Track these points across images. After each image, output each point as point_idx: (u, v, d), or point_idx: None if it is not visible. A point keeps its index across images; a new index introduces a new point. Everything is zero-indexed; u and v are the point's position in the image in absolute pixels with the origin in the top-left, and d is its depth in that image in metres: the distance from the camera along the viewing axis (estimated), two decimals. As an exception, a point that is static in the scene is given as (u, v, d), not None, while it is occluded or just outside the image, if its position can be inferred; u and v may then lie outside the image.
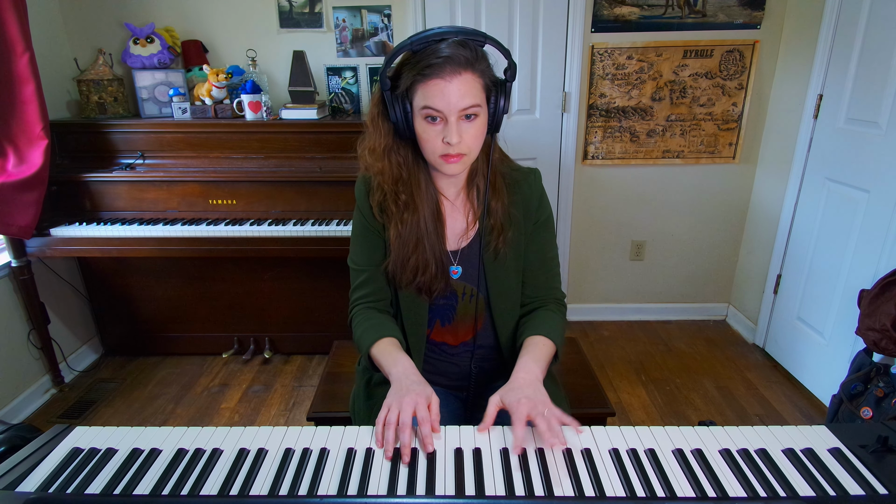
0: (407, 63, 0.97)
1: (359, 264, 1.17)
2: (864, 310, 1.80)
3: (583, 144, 2.70)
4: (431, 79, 0.94)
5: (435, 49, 0.93)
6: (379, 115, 1.04)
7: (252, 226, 2.23)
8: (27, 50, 1.97)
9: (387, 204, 1.09)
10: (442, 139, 0.97)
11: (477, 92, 0.96)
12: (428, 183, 1.09)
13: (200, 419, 2.27)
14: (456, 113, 0.95)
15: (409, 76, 0.96)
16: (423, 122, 0.98)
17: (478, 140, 1.01)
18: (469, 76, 0.94)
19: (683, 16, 2.48)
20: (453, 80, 0.93)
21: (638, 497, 0.77)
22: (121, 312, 2.66)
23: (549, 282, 1.21)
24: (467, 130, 0.97)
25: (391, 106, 0.99)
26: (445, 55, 0.92)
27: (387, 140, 1.05)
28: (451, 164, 1.00)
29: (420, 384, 0.96)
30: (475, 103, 0.96)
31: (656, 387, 2.44)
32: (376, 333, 1.09)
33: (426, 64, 0.93)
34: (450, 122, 0.95)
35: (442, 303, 1.17)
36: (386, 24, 2.51)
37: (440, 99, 0.94)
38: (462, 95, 0.94)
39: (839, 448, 0.86)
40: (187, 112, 2.39)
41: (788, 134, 2.45)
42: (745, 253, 2.86)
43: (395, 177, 1.07)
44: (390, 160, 1.06)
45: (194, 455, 0.85)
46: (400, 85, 0.98)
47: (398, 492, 0.78)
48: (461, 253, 1.14)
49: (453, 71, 0.93)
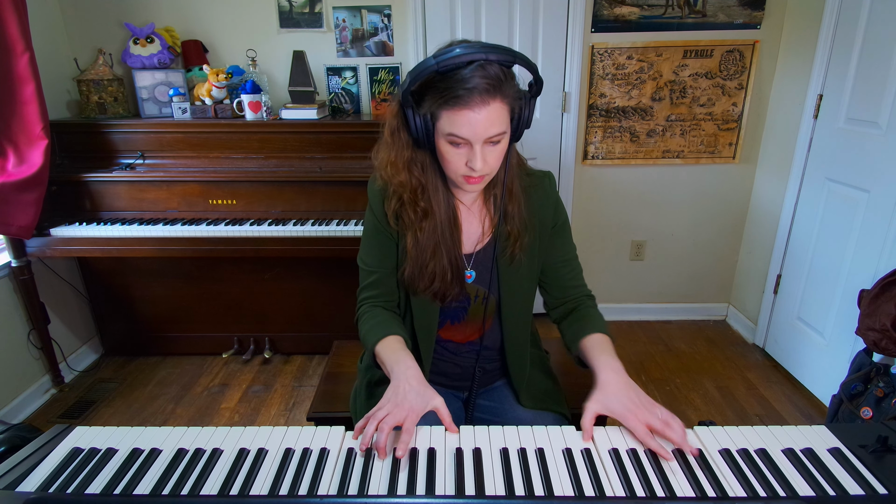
0: (432, 86, 0.94)
1: (369, 265, 1.17)
2: (864, 310, 1.80)
3: (583, 144, 2.70)
4: (458, 108, 0.91)
5: (461, 76, 0.90)
6: (399, 128, 1.02)
7: (252, 226, 2.23)
8: (27, 50, 1.97)
9: (404, 212, 1.08)
10: (465, 162, 0.97)
11: (504, 119, 0.95)
12: (445, 190, 1.08)
13: (200, 419, 2.27)
14: (481, 141, 0.94)
15: (435, 102, 0.93)
16: (446, 145, 0.97)
17: (500, 160, 1.00)
18: (497, 104, 0.92)
19: (683, 16, 2.48)
20: (482, 111, 0.91)
21: (638, 497, 0.77)
22: (121, 312, 2.66)
23: (575, 280, 1.21)
24: (490, 154, 0.97)
25: (412, 122, 0.97)
26: (472, 86, 0.89)
27: (408, 153, 1.04)
28: (473, 184, 1.00)
29: (419, 393, 0.94)
30: (501, 131, 0.95)
31: (656, 387, 2.44)
32: (382, 331, 1.09)
33: (453, 94, 0.90)
34: (475, 150, 0.94)
35: (454, 305, 1.17)
36: (386, 24, 2.51)
37: (467, 129, 0.92)
38: (489, 125, 0.93)
39: (839, 448, 0.86)
40: (187, 112, 2.39)
41: (788, 134, 2.45)
42: (745, 253, 2.86)
43: (415, 187, 1.06)
44: (411, 172, 1.05)
45: (194, 455, 0.85)
46: (424, 106, 0.96)
47: (398, 492, 0.78)
48: (475, 257, 1.14)
49: (482, 101, 0.91)
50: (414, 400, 0.92)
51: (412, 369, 0.99)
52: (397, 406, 0.91)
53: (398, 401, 0.92)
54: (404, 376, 0.97)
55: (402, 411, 0.90)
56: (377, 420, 0.88)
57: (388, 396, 0.94)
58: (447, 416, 0.93)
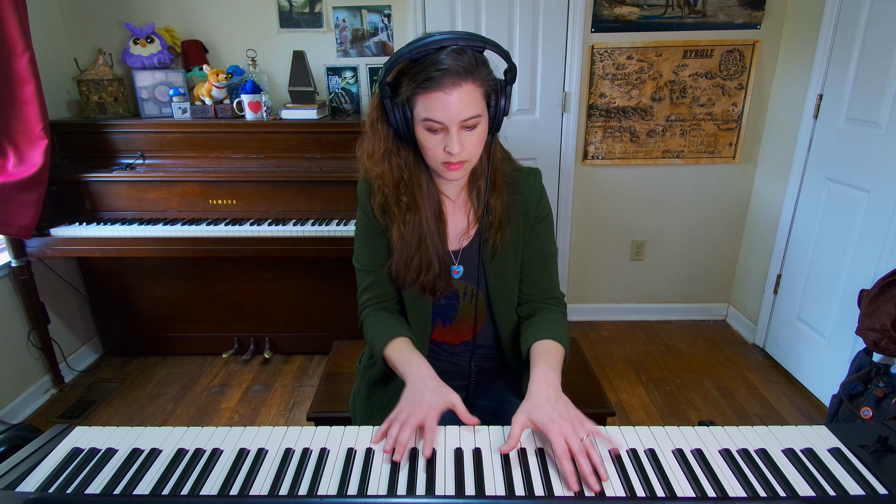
0: (406, 73, 0.96)
1: (364, 265, 1.18)
2: (864, 310, 1.80)
3: (583, 144, 2.70)
4: (431, 91, 0.93)
5: (434, 60, 0.92)
6: (378, 120, 1.04)
7: (252, 226, 2.23)
8: (27, 50, 1.97)
9: (388, 206, 1.09)
10: (443, 148, 0.97)
11: (477, 101, 0.96)
12: (429, 183, 1.09)
13: (200, 419, 2.27)
14: (457, 124, 0.95)
15: (409, 87, 0.95)
16: (424, 132, 0.98)
17: (478, 146, 1.01)
18: (469, 86, 0.94)
19: (683, 16, 2.48)
20: (453, 92, 0.93)
21: (638, 497, 0.77)
22: (121, 312, 2.66)
23: (548, 280, 1.21)
24: (468, 138, 0.98)
25: (391, 112, 0.98)
26: (444, 67, 0.92)
27: (386, 144, 1.05)
28: (453, 170, 1.01)
29: (435, 391, 0.95)
30: (476, 114, 0.96)
31: (656, 387, 2.44)
32: (388, 334, 1.09)
33: (426, 77, 0.92)
34: (451, 133, 0.95)
35: (443, 303, 1.17)
36: (386, 24, 2.51)
37: (441, 111, 0.94)
38: (463, 107, 0.94)
39: (839, 448, 0.86)
40: (187, 112, 2.39)
41: (788, 134, 2.45)
42: (745, 253, 2.86)
43: (396, 179, 1.07)
44: (390, 163, 1.06)
45: (194, 455, 0.85)
46: (400, 94, 0.97)
47: (398, 492, 0.78)
48: (462, 252, 1.14)
49: (453, 83, 0.92)
50: (431, 398, 0.93)
51: (424, 369, 1.00)
52: (417, 406, 0.91)
53: (416, 401, 0.93)
54: (418, 377, 0.98)
55: (423, 410, 0.90)
56: (400, 423, 0.88)
57: (406, 398, 0.95)
58: (463, 410, 0.94)
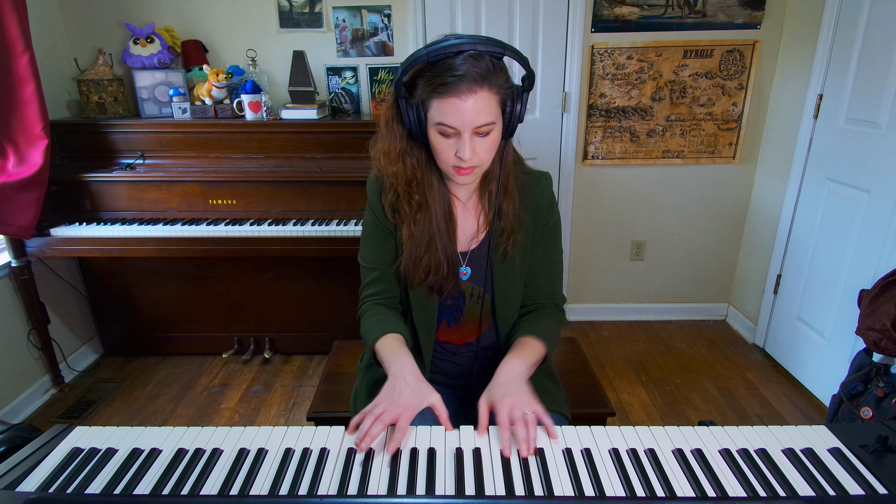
0: (422, 75, 0.95)
1: (369, 262, 1.18)
2: (864, 310, 1.80)
3: (583, 144, 2.70)
4: (447, 96, 0.92)
5: (451, 64, 0.92)
6: (393, 119, 1.04)
7: (252, 226, 2.23)
8: (27, 50, 1.97)
9: (400, 204, 1.10)
10: (455, 153, 0.97)
11: (492, 108, 0.95)
12: (440, 184, 1.09)
13: (200, 419, 2.27)
14: (470, 130, 0.95)
15: (425, 90, 0.95)
16: (436, 135, 0.98)
17: (490, 152, 1.01)
18: (485, 93, 0.93)
19: (683, 16, 2.48)
20: (468, 98, 0.92)
21: (638, 497, 0.77)
22: (121, 312, 2.66)
23: (551, 286, 1.22)
24: (480, 144, 0.97)
25: (405, 112, 0.98)
26: (460, 73, 0.91)
27: (401, 143, 1.05)
28: (463, 175, 1.01)
29: (414, 390, 0.95)
30: (490, 121, 0.95)
31: (656, 387, 2.44)
32: (382, 329, 1.09)
33: (441, 81, 0.92)
34: (463, 138, 0.95)
35: (450, 303, 1.18)
36: (386, 24, 2.51)
37: (454, 117, 0.93)
38: (477, 113, 0.93)
39: (839, 448, 0.86)
40: (187, 112, 2.39)
41: (788, 134, 2.45)
42: (745, 253, 2.86)
43: (409, 178, 1.07)
44: (405, 163, 1.06)
45: (194, 455, 0.85)
46: (415, 95, 0.97)
47: (398, 492, 0.78)
48: (471, 254, 1.15)
49: (469, 89, 0.92)
50: (409, 397, 0.93)
51: (408, 367, 1.00)
52: (393, 403, 0.91)
53: (394, 398, 0.93)
54: (400, 374, 0.98)
55: (398, 408, 0.90)
56: (373, 416, 0.89)
57: (385, 394, 0.95)
58: (444, 412, 0.94)
